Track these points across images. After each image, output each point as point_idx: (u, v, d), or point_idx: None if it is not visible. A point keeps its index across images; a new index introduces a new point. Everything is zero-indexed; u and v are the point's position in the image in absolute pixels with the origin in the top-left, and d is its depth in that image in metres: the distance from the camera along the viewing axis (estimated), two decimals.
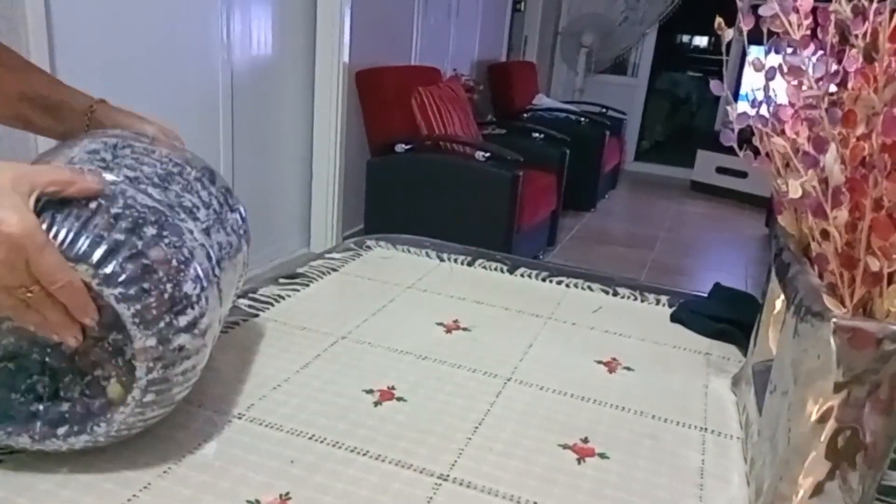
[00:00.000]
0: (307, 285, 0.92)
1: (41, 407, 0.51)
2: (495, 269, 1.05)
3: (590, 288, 1.00)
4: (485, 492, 0.54)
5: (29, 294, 0.45)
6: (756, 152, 0.59)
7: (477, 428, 0.63)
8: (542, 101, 5.12)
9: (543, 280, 1.02)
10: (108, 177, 0.51)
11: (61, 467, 0.53)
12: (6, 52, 0.74)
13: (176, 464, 0.54)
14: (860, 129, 0.48)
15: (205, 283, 0.51)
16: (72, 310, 0.46)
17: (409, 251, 1.09)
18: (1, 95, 0.71)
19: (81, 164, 0.52)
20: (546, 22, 5.85)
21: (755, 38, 0.56)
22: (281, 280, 0.93)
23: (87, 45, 2.01)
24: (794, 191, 0.50)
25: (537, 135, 4.01)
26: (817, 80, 0.52)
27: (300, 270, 0.97)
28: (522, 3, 5.40)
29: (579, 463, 0.59)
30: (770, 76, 0.56)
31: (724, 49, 0.56)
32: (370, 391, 0.67)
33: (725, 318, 0.86)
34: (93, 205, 0.47)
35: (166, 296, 0.47)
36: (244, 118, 2.73)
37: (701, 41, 6.99)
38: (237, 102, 2.67)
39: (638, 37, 5.95)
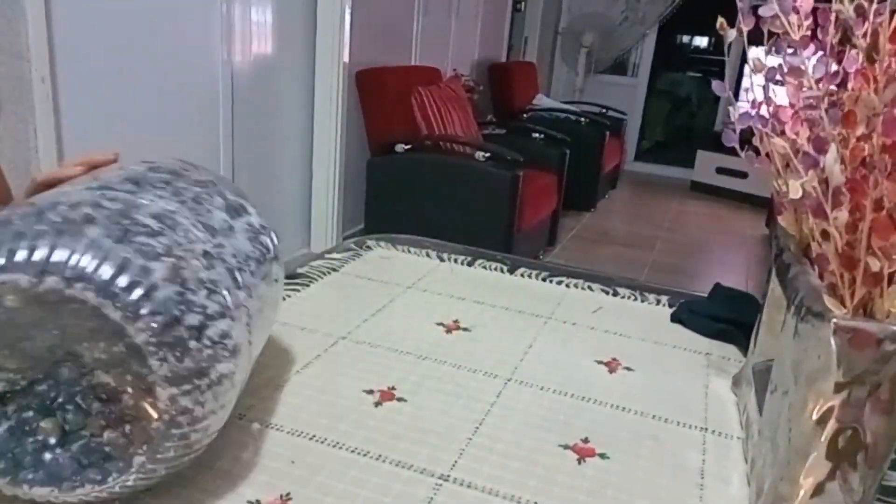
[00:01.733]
0: (307, 285, 0.92)
1: (58, 451, 0.46)
2: (495, 270, 1.05)
3: (590, 288, 1.00)
4: (485, 492, 0.54)
5: None
6: (756, 152, 0.59)
7: (477, 428, 0.63)
8: (542, 101, 5.12)
9: (543, 280, 1.02)
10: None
11: None
12: None
13: None
14: (860, 130, 0.48)
15: (228, 302, 0.48)
16: None
17: (409, 251, 1.09)
18: None
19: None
20: (546, 22, 5.85)
21: (755, 38, 0.56)
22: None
23: (86, 45, 2.01)
24: (795, 191, 0.50)
25: (537, 135, 4.01)
26: (817, 81, 0.52)
27: (300, 270, 0.97)
28: (522, 3, 5.40)
29: (580, 463, 0.59)
30: (770, 77, 0.56)
31: (725, 49, 0.56)
32: (370, 392, 0.67)
33: (726, 318, 0.86)
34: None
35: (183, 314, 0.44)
36: (244, 118, 2.73)
37: (701, 41, 6.98)
38: (237, 102, 2.67)
39: (638, 37, 5.95)
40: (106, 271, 0.42)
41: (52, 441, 0.46)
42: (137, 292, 0.42)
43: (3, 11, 1.72)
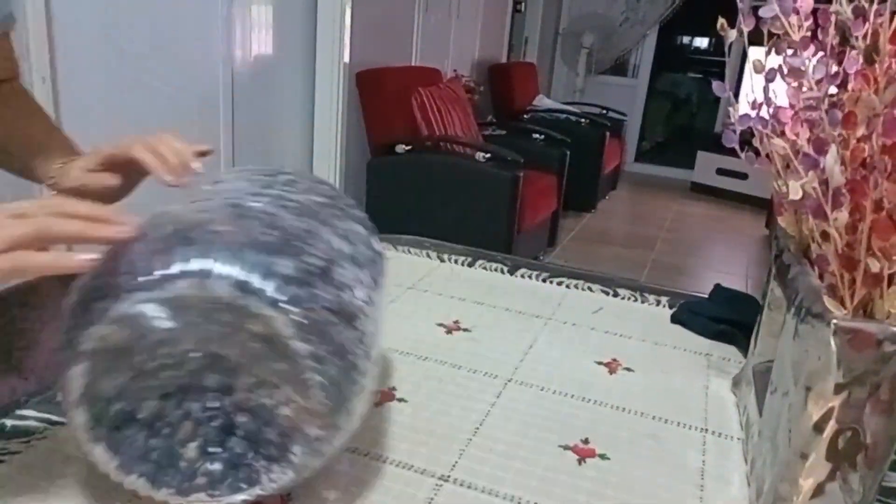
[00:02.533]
0: None
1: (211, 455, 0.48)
2: (496, 270, 1.05)
3: (590, 289, 1.00)
4: (486, 492, 0.54)
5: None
6: (757, 153, 0.59)
7: (478, 429, 0.63)
8: (542, 101, 5.12)
9: (544, 281, 1.02)
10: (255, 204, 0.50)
11: (64, 468, 0.53)
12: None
13: None
14: (860, 131, 0.48)
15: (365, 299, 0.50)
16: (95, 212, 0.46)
17: (409, 252, 1.09)
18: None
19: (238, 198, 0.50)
20: (546, 23, 5.85)
21: (756, 39, 0.56)
22: None
23: (87, 45, 2.01)
24: (795, 192, 0.50)
25: (537, 136, 4.01)
26: (817, 82, 0.52)
27: None
28: (523, 4, 5.40)
29: (580, 464, 0.59)
30: (770, 78, 0.56)
31: (726, 50, 0.57)
32: None
33: (726, 319, 0.86)
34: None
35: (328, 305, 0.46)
36: (245, 118, 2.73)
37: (701, 42, 6.98)
38: (238, 102, 2.67)
39: (638, 38, 5.95)
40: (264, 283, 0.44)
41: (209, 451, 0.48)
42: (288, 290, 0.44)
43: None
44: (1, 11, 0.73)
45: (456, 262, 1.07)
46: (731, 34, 0.57)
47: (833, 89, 0.52)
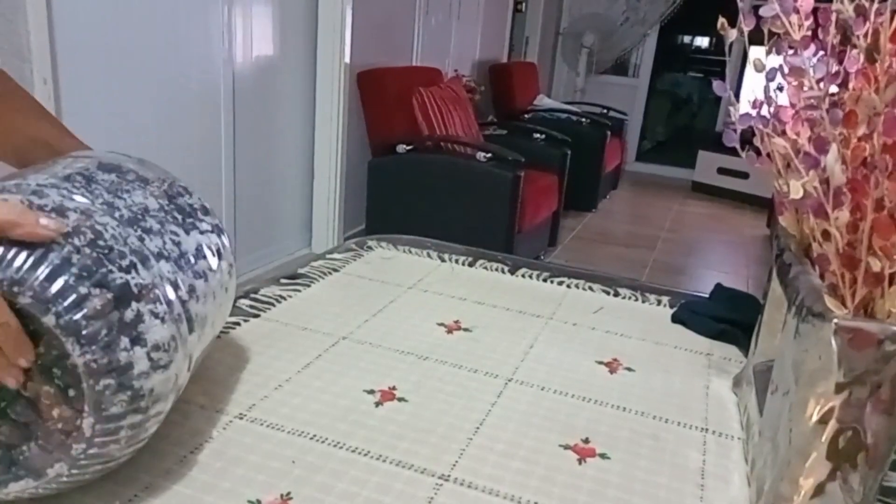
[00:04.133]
0: (308, 286, 0.92)
1: None
2: (496, 270, 1.05)
3: (591, 288, 1.00)
4: (486, 492, 0.54)
5: None
6: (757, 153, 0.59)
7: (478, 428, 0.63)
8: (543, 101, 5.13)
9: (544, 280, 1.02)
10: (80, 199, 0.49)
11: None
12: (25, 98, 0.74)
13: (177, 464, 0.54)
14: (861, 130, 0.48)
15: (165, 317, 0.48)
16: (6, 350, 0.44)
17: (410, 251, 1.09)
18: (13, 135, 0.71)
19: (53, 190, 0.49)
20: (547, 22, 5.86)
21: (756, 38, 0.56)
22: (282, 280, 0.93)
23: (88, 46, 2.01)
24: (796, 191, 0.50)
25: (538, 135, 4.01)
26: (818, 81, 0.52)
27: (301, 271, 0.97)
28: (523, 4, 5.40)
29: (580, 463, 0.59)
30: (771, 77, 0.56)
31: (726, 50, 0.56)
32: (371, 391, 0.67)
33: (726, 318, 0.86)
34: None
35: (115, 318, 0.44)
36: (246, 118, 2.73)
37: (702, 42, 6.98)
38: (239, 102, 2.68)
39: (639, 37, 5.95)
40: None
41: None
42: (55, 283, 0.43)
43: (3, 12, 1.73)
44: None
45: (456, 261, 1.07)
46: (732, 34, 0.57)
47: (834, 88, 0.52)
